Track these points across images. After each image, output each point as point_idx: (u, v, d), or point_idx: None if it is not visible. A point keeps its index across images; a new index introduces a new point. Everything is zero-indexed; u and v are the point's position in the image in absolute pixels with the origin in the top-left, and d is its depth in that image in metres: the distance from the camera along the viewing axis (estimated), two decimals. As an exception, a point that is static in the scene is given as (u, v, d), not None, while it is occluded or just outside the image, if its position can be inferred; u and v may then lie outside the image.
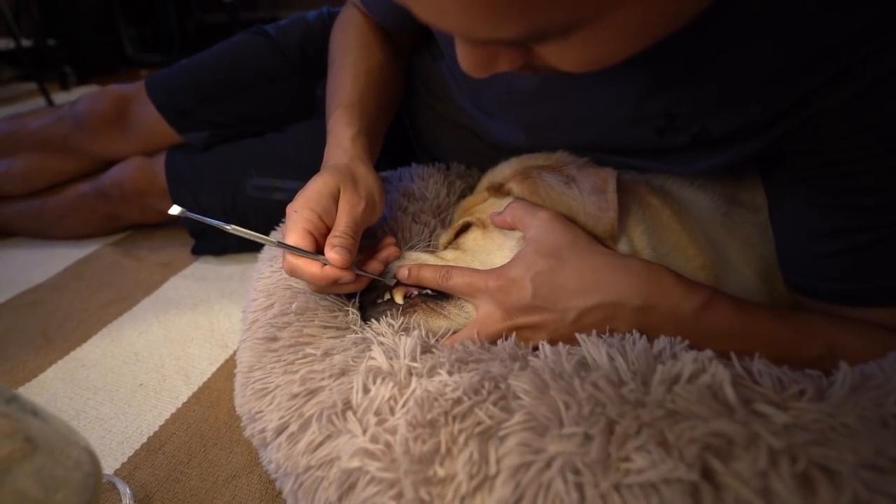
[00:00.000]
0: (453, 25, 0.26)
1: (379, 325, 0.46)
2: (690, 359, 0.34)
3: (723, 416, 0.29)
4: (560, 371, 0.36)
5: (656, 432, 0.30)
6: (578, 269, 0.42)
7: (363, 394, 0.38)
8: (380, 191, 0.51)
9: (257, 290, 0.55)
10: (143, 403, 0.59)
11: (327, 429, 0.37)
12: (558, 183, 0.47)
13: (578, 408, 0.32)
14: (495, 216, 0.50)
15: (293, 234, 0.44)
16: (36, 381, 0.63)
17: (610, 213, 0.46)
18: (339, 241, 0.44)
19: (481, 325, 0.44)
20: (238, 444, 0.53)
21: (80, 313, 0.76)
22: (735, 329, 0.41)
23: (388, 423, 0.35)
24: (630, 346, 0.37)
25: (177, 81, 0.82)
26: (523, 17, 0.24)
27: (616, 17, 0.25)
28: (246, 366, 0.46)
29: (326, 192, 0.46)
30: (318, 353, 0.43)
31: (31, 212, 0.93)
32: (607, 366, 0.35)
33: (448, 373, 0.37)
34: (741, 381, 0.32)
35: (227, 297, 0.78)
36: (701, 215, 0.50)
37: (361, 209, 0.47)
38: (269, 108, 0.82)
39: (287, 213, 0.47)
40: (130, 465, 0.52)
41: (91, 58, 2.44)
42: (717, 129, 0.44)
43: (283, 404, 0.41)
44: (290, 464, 0.38)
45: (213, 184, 0.82)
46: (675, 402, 0.31)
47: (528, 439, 0.31)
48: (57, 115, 0.88)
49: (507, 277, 0.43)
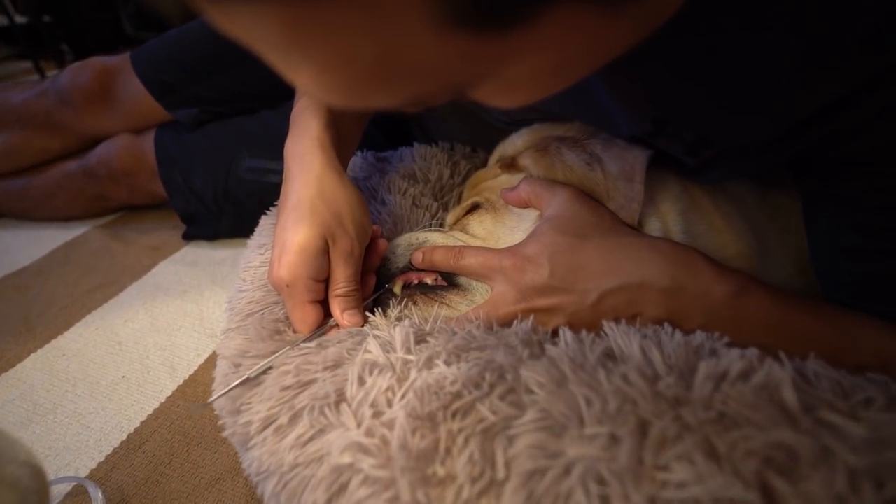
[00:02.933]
0: (330, 101, 0.21)
1: (374, 317, 0.42)
2: (737, 355, 0.29)
3: (784, 425, 0.25)
4: (581, 362, 0.31)
5: (702, 439, 0.25)
6: (601, 248, 0.38)
7: (358, 385, 0.34)
8: (364, 209, 0.44)
9: (245, 280, 0.50)
10: (124, 397, 0.55)
11: (319, 422, 0.33)
12: (580, 162, 0.42)
13: (603, 404, 0.27)
14: (507, 193, 0.45)
15: (297, 312, 0.41)
16: (13, 370, 0.60)
17: (633, 205, 0.41)
18: (346, 304, 0.41)
19: (493, 305, 0.40)
20: (223, 444, 0.49)
21: (63, 299, 0.72)
22: (771, 321, 0.36)
23: (386, 416, 0.31)
24: (667, 338, 0.32)
25: (163, 54, 0.77)
26: (389, 95, 0.20)
27: (516, 69, 0.21)
28: (236, 352, 0.42)
29: (314, 253, 0.40)
30: (312, 345, 0.40)
31: (16, 191, 0.89)
32: (639, 357, 0.31)
33: (446, 363, 0.33)
34: (798, 384, 0.27)
35: (218, 284, 0.74)
36: (736, 197, 0.44)
37: (358, 254, 0.42)
38: (262, 82, 0.76)
39: (276, 287, 0.41)
40: (107, 464, 0.48)
41: (88, 35, 2.37)
42: (718, 139, 0.38)
43: (273, 395, 0.37)
44: (274, 461, 0.34)
45: (205, 165, 0.77)
46: (725, 404, 0.26)
47: (543, 440, 0.27)
48: (40, 88, 0.83)
49: (522, 255, 0.39)
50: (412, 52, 0.18)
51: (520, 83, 0.22)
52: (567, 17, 0.18)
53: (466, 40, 0.17)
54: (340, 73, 0.19)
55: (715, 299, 0.36)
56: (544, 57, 0.20)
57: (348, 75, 0.19)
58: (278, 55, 0.19)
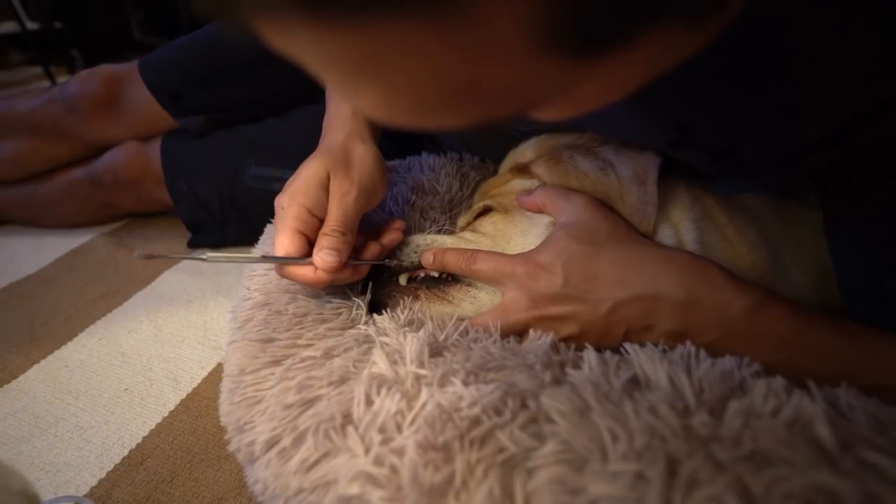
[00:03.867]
0: (388, 122, 0.20)
1: (382, 319, 0.41)
2: (762, 386, 0.28)
3: (823, 466, 0.23)
4: (606, 390, 0.30)
5: (734, 479, 0.24)
6: (616, 257, 0.38)
7: (365, 406, 0.33)
8: (379, 171, 0.46)
9: (250, 289, 0.49)
10: (127, 411, 0.54)
11: (324, 445, 0.32)
12: (593, 168, 0.41)
13: (629, 439, 0.26)
14: (523, 197, 0.45)
15: (282, 236, 0.40)
16: (16, 382, 0.59)
17: (648, 208, 0.40)
18: (328, 242, 0.39)
19: (504, 311, 0.40)
20: (226, 461, 0.48)
21: (68, 308, 0.71)
22: (790, 338, 0.35)
23: (395, 443, 0.30)
24: (694, 364, 0.31)
25: (170, 62, 0.77)
26: (458, 118, 0.19)
27: (589, 87, 0.20)
28: (236, 369, 0.41)
29: (315, 183, 0.41)
30: (317, 355, 0.38)
31: (23, 198, 0.88)
32: (667, 387, 0.29)
33: (463, 383, 0.32)
34: (831, 419, 0.26)
35: (223, 294, 0.73)
36: (751, 208, 0.43)
37: (353, 198, 0.42)
38: (268, 91, 0.76)
39: (276, 208, 0.42)
40: (108, 481, 0.47)
41: (99, 41, 2.39)
42: (748, 148, 0.37)
43: (276, 414, 0.35)
44: (279, 484, 0.33)
45: (210, 173, 0.76)
46: (755, 441, 0.25)
47: (563, 475, 0.26)
48: (47, 96, 0.83)
49: (536, 262, 0.39)
50: (499, 75, 0.16)
51: (584, 100, 0.21)
52: (659, 37, 0.17)
53: (559, 63, 0.16)
54: (414, 96, 0.17)
55: (732, 313, 0.35)
56: (620, 73, 0.19)
57: (422, 99, 0.17)
58: (339, 75, 0.17)
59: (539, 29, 0.14)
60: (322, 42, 0.15)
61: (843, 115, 0.32)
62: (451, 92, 0.17)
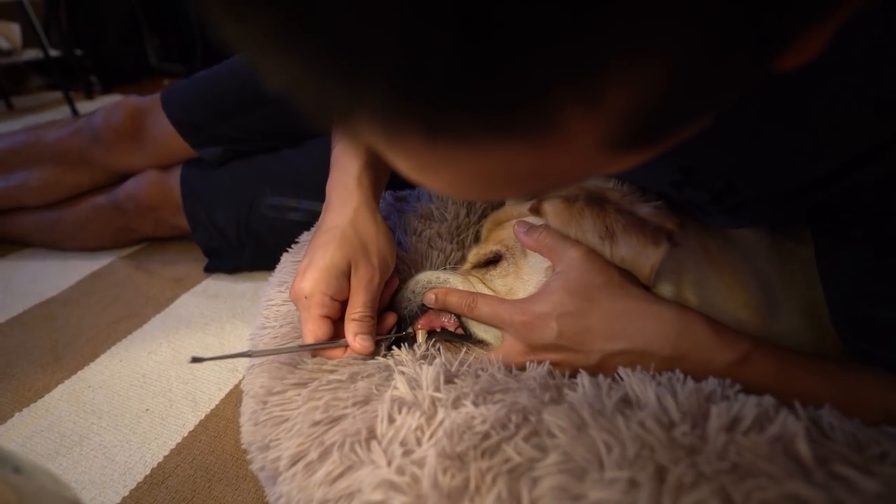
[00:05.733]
0: (451, 195, 0.23)
1: (400, 352, 0.44)
2: (753, 403, 0.30)
3: (797, 477, 0.26)
4: (600, 408, 0.33)
5: (717, 487, 0.26)
6: (607, 312, 0.40)
7: (388, 423, 0.35)
8: (392, 248, 0.49)
9: (269, 318, 0.52)
10: (148, 431, 0.57)
11: (349, 458, 0.34)
12: (593, 233, 0.43)
13: (622, 450, 0.29)
14: (521, 233, 0.47)
15: (312, 324, 0.43)
16: (41, 401, 0.62)
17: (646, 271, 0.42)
18: (361, 328, 0.43)
19: (505, 354, 0.43)
20: (244, 480, 0.50)
21: (90, 329, 0.74)
22: (773, 388, 0.36)
23: (416, 455, 0.32)
24: (679, 386, 0.34)
25: (191, 95, 0.81)
26: (522, 193, 0.22)
27: (630, 161, 0.21)
28: (262, 390, 0.43)
29: (336, 272, 0.44)
30: (343, 379, 0.41)
31: (47, 223, 0.92)
32: (655, 405, 0.32)
33: (474, 404, 0.35)
34: (812, 436, 0.28)
35: (239, 317, 0.76)
36: (746, 246, 0.46)
37: (377, 283, 0.46)
38: (285, 123, 0.80)
39: (295, 297, 0.45)
40: (131, 499, 0.49)
41: (115, 67, 2.48)
42: (747, 187, 0.39)
43: (303, 431, 0.38)
44: (303, 496, 0.35)
45: (228, 201, 0.80)
46: (739, 455, 0.27)
47: (565, 483, 0.28)
48: (74, 127, 0.87)
49: (532, 313, 0.41)
50: (565, 165, 0.18)
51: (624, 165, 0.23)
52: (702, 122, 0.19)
53: (617, 154, 0.18)
54: (485, 182, 0.18)
55: (716, 368, 0.38)
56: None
57: (492, 183, 0.18)
58: (419, 169, 0.18)
59: (611, 136, 0.17)
60: (426, 155, 0.16)
61: (846, 155, 0.33)
62: (518, 179, 0.18)
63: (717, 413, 0.30)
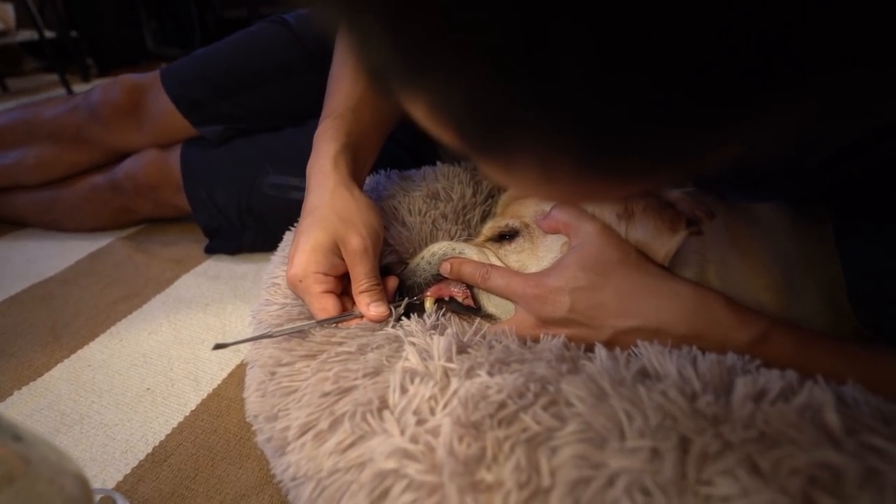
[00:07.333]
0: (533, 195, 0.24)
1: (409, 322, 0.43)
2: (777, 375, 0.30)
3: (827, 446, 0.25)
4: (619, 378, 0.32)
5: (744, 456, 0.26)
6: (621, 288, 0.40)
7: (401, 393, 0.35)
8: (376, 214, 0.48)
9: (274, 293, 0.51)
10: (149, 409, 0.56)
11: (361, 428, 0.34)
12: (611, 212, 0.42)
13: (643, 419, 0.28)
14: (541, 220, 0.46)
15: (318, 301, 0.43)
16: (41, 380, 0.61)
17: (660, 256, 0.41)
18: (372, 297, 0.44)
19: (517, 326, 0.42)
20: (248, 459, 0.49)
21: (89, 310, 0.73)
22: (794, 366, 0.36)
23: (430, 424, 0.32)
24: (700, 358, 0.33)
25: (192, 72, 0.79)
26: (619, 196, 0.23)
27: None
28: (271, 360, 0.42)
29: (323, 250, 0.44)
30: (352, 350, 0.40)
31: (44, 203, 0.91)
32: (675, 376, 0.31)
33: (489, 374, 0.34)
34: (839, 408, 0.28)
35: (240, 298, 0.75)
36: (768, 225, 0.45)
37: (371, 251, 0.45)
38: (287, 102, 0.78)
39: (292, 285, 0.45)
40: (134, 477, 0.48)
41: (112, 50, 2.45)
42: (773, 160, 0.37)
43: (312, 401, 0.37)
44: (311, 466, 0.34)
45: (229, 180, 0.79)
46: (767, 424, 0.27)
47: (585, 451, 0.28)
48: (71, 104, 0.86)
49: (545, 287, 0.41)
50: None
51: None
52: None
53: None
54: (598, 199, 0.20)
55: (734, 347, 0.37)
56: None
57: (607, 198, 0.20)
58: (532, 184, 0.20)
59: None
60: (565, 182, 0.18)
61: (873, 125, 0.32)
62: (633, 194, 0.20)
63: (743, 383, 0.29)
